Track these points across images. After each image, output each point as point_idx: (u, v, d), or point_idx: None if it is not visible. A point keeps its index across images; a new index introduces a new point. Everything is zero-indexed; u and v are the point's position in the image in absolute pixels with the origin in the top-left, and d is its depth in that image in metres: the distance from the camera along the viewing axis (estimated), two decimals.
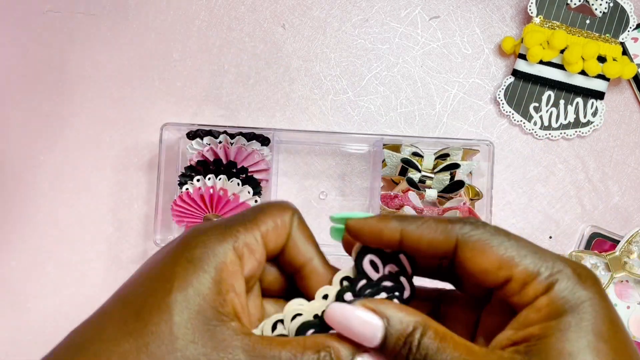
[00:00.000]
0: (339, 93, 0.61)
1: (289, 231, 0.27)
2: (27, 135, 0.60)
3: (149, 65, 0.61)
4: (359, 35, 0.61)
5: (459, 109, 0.61)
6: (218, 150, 0.55)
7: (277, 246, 0.27)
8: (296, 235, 0.27)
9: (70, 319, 0.58)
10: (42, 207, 0.59)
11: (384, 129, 0.61)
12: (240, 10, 0.61)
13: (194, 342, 0.23)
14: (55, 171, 0.60)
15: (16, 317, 0.58)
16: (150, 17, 0.61)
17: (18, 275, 0.59)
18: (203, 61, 0.61)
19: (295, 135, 0.58)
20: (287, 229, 0.27)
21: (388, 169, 0.58)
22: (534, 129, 0.61)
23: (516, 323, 0.24)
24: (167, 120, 0.59)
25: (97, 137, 0.60)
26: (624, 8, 0.59)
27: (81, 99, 0.60)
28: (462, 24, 0.62)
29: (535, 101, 0.61)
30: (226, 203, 0.55)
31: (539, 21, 0.59)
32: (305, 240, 0.27)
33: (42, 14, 0.61)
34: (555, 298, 0.23)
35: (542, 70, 0.60)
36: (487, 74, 0.61)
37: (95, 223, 0.59)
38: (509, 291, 0.24)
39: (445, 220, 0.25)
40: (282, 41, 0.61)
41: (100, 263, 0.59)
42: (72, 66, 0.61)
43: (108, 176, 0.60)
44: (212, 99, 0.61)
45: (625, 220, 0.60)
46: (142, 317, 0.23)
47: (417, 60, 0.61)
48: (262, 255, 0.26)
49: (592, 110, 0.61)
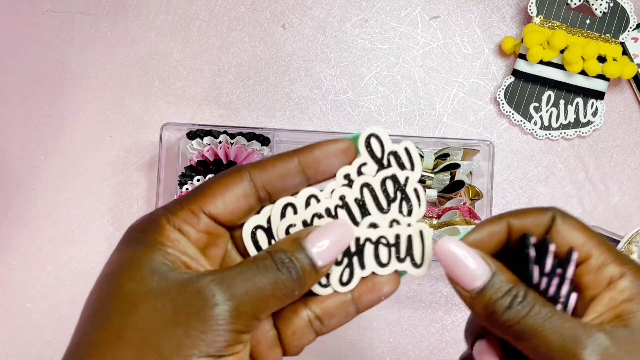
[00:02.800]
0: (339, 93, 0.61)
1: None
2: (27, 135, 0.60)
3: (149, 65, 0.61)
4: (359, 35, 0.61)
5: (459, 109, 0.61)
6: (218, 150, 0.55)
7: (230, 211, 0.27)
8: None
9: (70, 319, 0.58)
10: (42, 207, 0.59)
11: (384, 128, 0.61)
12: (240, 10, 0.61)
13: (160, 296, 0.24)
14: (55, 171, 0.60)
15: (16, 317, 0.58)
16: (150, 17, 0.61)
17: (18, 275, 0.59)
18: (203, 61, 0.61)
19: (295, 135, 0.58)
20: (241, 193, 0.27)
21: None
22: (534, 129, 0.61)
23: (600, 306, 0.26)
24: (167, 120, 0.59)
25: (97, 137, 0.60)
26: (624, 8, 0.59)
27: (81, 99, 0.60)
28: (462, 24, 0.62)
29: (535, 101, 0.61)
30: None
31: (539, 21, 0.59)
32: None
33: (42, 14, 0.61)
34: (634, 282, 0.26)
35: (542, 70, 0.60)
36: (487, 74, 0.61)
37: (95, 223, 0.59)
38: (586, 269, 0.27)
39: (541, 208, 0.28)
40: (282, 41, 0.61)
41: (100, 263, 0.59)
42: (72, 66, 0.61)
43: (108, 176, 0.60)
44: (212, 99, 0.61)
45: (625, 220, 0.60)
46: (107, 316, 0.25)
47: (417, 60, 0.61)
48: (205, 224, 0.27)
49: (592, 110, 0.61)
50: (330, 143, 0.28)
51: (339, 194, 0.28)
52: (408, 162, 0.28)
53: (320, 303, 0.28)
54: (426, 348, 0.58)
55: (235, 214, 0.27)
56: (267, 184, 0.27)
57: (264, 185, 0.27)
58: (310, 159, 0.28)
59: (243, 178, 0.27)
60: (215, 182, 0.27)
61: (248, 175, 0.27)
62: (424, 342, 0.58)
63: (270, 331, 0.29)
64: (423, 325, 0.59)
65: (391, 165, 0.28)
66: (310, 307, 0.28)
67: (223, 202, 0.27)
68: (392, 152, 0.28)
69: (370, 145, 0.28)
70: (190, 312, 0.24)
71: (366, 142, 0.28)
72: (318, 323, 0.28)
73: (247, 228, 0.28)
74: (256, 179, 0.27)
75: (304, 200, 0.28)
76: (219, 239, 0.28)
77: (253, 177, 0.27)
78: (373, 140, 0.28)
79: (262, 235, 0.28)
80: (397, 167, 0.29)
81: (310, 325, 0.28)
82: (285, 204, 0.28)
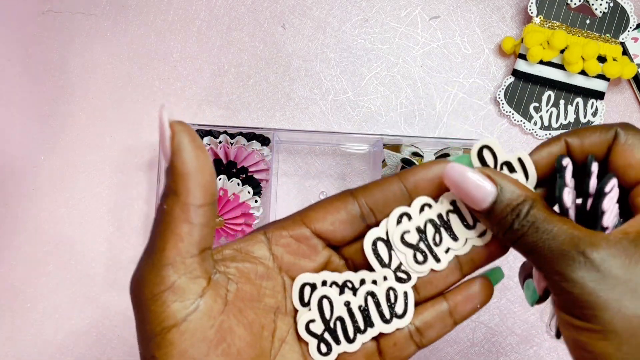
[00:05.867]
0: (339, 93, 0.61)
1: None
2: (27, 135, 0.60)
3: (149, 65, 0.61)
4: (359, 35, 0.61)
5: (459, 109, 0.61)
6: (218, 150, 0.55)
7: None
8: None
9: (70, 319, 0.58)
10: (42, 207, 0.59)
11: (384, 129, 0.61)
12: (240, 10, 0.61)
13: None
14: (55, 171, 0.60)
15: (16, 317, 0.58)
16: (150, 17, 0.61)
17: (18, 275, 0.59)
18: (203, 61, 0.61)
19: (295, 135, 0.58)
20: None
21: (388, 169, 0.58)
22: (534, 129, 0.61)
23: (635, 222, 0.25)
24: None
25: (97, 137, 0.60)
26: (624, 8, 0.59)
27: (81, 99, 0.60)
28: (462, 24, 0.62)
29: (535, 101, 0.61)
30: (226, 203, 0.55)
31: (539, 21, 0.59)
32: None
33: (42, 14, 0.61)
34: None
35: (542, 70, 0.60)
36: (487, 74, 0.61)
37: (95, 223, 0.59)
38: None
39: (605, 125, 0.27)
40: (282, 41, 0.61)
41: (100, 263, 0.59)
42: (72, 66, 0.61)
43: (108, 176, 0.60)
44: (212, 99, 0.61)
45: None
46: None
47: (417, 60, 0.61)
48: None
49: (592, 110, 0.61)
50: (435, 165, 0.29)
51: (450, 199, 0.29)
52: (522, 173, 0.28)
53: (418, 315, 0.29)
54: (426, 348, 0.58)
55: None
56: (371, 204, 0.29)
57: (369, 205, 0.29)
58: (411, 182, 0.29)
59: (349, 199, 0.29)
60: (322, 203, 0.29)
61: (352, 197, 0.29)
62: None
63: (370, 342, 0.29)
64: None
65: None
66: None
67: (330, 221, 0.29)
68: (506, 163, 0.28)
69: (482, 157, 0.28)
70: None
71: (479, 154, 0.28)
72: (418, 335, 0.29)
73: (367, 240, 0.29)
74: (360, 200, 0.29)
75: (418, 208, 0.29)
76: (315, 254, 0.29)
77: (358, 198, 0.29)
78: (486, 151, 0.28)
79: (382, 246, 0.29)
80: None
81: (411, 337, 0.29)
82: (401, 213, 0.29)
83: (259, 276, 0.28)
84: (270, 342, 0.28)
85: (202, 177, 0.24)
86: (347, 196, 0.29)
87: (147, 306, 0.24)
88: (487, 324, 0.58)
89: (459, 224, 0.29)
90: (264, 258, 0.28)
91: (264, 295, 0.28)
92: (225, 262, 0.27)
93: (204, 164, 0.24)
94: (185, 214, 0.24)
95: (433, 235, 0.29)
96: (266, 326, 0.27)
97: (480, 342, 0.58)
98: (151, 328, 0.24)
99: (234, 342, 0.25)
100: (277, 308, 0.28)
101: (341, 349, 0.29)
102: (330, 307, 0.29)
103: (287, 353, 0.28)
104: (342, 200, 0.29)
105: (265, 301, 0.28)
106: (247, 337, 0.26)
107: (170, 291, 0.24)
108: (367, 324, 0.29)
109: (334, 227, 0.28)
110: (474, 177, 0.26)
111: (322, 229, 0.28)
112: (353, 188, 0.29)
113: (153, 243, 0.24)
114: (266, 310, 0.28)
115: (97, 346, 0.58)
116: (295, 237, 0.28)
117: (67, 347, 0.57)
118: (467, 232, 0.29)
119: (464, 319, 0.29)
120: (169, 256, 0.24)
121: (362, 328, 0.29)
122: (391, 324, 0.29)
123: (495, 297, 0.58)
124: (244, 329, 0.26)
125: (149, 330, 0.24)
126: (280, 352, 0.28)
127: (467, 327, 0.58)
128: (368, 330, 0.29)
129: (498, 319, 0.58)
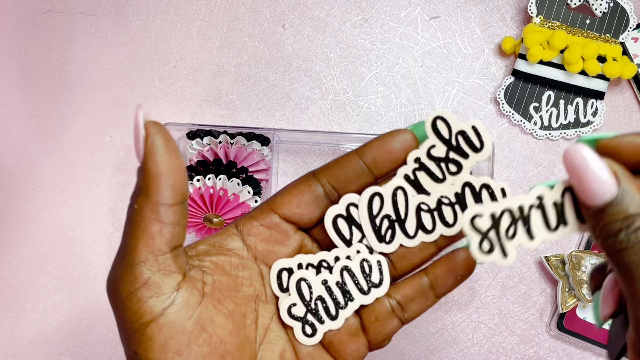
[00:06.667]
0: (339, 93, 0.61)
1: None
2: (27, 135, 0.60)
3: (149, 65, 0.61)
4: (359, 35, 0.61)
5: (459, 109, 0.61)
6: (218, 150, 0.55)
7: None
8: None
9: (70, 319, 0.58)
10: (42, 207, 0.59)
11: (384, 129, 0.61)
12: (240, 10, 0.61)
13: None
14: (55, 171, 0.60)
15: (16, 317, 0.58)
16: (150, 17, 0.61)
17: (18, 275, 0.59)
18: (203, 61, 0.61)
19: (295, 135, 0.58)
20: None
21: None
22: (534, 129, 0.61)
23: None
24: (167, 120, 0.59)
25: (97, 137, 0.60)
26: (624, 8, 0.59)
27: (81, 99, 0.60)
28: (462, 24, 0.62)
29: (535, 101, 0.61)
30: (226, 203, 0.55)
31: (539, 21, 0.59)
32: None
33: (42, 14, 0.61)
34: None
35: (542, 70, 0.60)
36: (487, 74, 0.61)
37: (95, 223, 0.59)
38: None
39: None
40: (282, 41, 0.61)
41: (100, 263, 0.59)
42: (72, 66, 0.61)
43: (108, 176, 0.60)
44: (212, 99, 0.61)
45: None
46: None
47: (417, 60, 0.61)
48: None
49: (592, 110, 0.61)
50: (391, 137, 0.29)
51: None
52: (477, 140, 0.29)
53: (398, 289, 0.29)
54: (426, 348, 0.58)
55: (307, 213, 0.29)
56: (334, 182, 0.29)
57: (331, 184, 0.29)
58: (369, 157, 0.29)
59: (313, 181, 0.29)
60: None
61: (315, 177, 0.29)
62: (424, 342, 0.58)
63: (352, 319, 0.30)
64: (423, 325, 0.59)
65: (460, 144, 0.29)
66: (390, 294, 0.30)
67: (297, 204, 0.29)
68: (460, 132, 0.29)
69: (437, 127, 0.29)
70: None
71: (432, 124, 0.29)
72: (400, 309, 0.29)
73: (327, 218, 0.29)
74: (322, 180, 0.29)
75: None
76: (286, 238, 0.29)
77: (320, 178, 0.29)
78: (439, 122, 0.29)
79: (343, 223, 0.29)
80: (467, 146, 0.29)
81: (393, 312, 0.29)
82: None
83: (234, 267, 0.28)
84: (253, 329, 0.28)
85: (173, 178, 0.25)
86: (309, 178, 0.29)
87: (123, 304, 0.25)
88: (487, 324, 0.58)
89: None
90: (237, 249, 0.29)
91: (242, 285, 0.28)
92: (199, 257, 0.28)
93: (176, 165, 0.25)
94: (155, 213, 0.25)
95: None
96: (248, 314, 0.28)
97: (480, 342, 0.58)
98: (130, 325, 0.24)
99: (215, 332, 0.26)
100: (256, 296, 0.29)
101: (325, 327, 0.29)
102: (309, 288, 0.29)
103: (273, 339, 0.29)
104: (306, 183, 0.29)
105: (243, 290, 0.28)
106: (229, 326, 0.26)
107: (145, 287, 0.25)
108: (347, 297, 0.29)
109: (300, 209, 0.29)
110: (597, 168, 0.23)
111: (290, 213, 0.29)
112: (315, 169, 0.30)
113: (125, 243, 0.25)
114: (245, 299, 0.28)
115: (96, 346, 0.58)
116: (266, 225, 0.29)
117: (67, 347, 0.57)
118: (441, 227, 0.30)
119: (445, 292, 0.30)
120: (141, 254, 0.25)
121: (343, 303, 0.29)
122: (370, 294, 0.29)
123: (496, 297, 0.58)
124: (224, 318, 0.26)
125: (128, 328, 0.25)
126: (266, 339, 0.29)
127: (467, 327, 0.58)
128: (349, 305, 0.29)
129: (498, 319, 0.58)
